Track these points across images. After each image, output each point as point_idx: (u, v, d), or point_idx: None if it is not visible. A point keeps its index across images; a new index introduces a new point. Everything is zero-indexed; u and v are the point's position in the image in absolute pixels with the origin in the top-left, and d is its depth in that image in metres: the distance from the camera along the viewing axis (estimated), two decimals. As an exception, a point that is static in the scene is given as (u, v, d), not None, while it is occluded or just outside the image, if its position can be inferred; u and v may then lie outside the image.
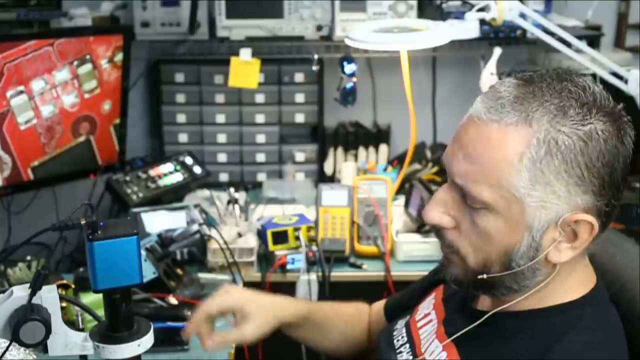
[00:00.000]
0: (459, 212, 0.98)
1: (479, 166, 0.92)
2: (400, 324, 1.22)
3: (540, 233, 0.93)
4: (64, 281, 1.61)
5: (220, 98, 2.50)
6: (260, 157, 2.55)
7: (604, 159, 0.90)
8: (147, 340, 0.96)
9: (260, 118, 2.51)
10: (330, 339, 1.41)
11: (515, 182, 0.90)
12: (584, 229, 0.92)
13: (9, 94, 1.89)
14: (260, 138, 2.53)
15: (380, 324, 1.40)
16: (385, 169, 2.40)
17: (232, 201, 2.11)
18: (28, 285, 0.93)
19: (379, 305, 1.44)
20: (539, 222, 0.92)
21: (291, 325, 1.35)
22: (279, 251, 1.89)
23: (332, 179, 2.52)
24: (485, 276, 0.97)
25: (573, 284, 1.00)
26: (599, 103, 0.91)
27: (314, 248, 1.91)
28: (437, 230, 1.01)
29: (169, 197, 2.25)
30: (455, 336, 1.04)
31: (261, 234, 1.93)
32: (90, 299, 1.44)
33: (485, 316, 1.01)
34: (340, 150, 2.53)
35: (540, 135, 0.89)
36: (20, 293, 0.93)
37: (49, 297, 0.94)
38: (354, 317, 1.43)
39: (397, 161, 2.47)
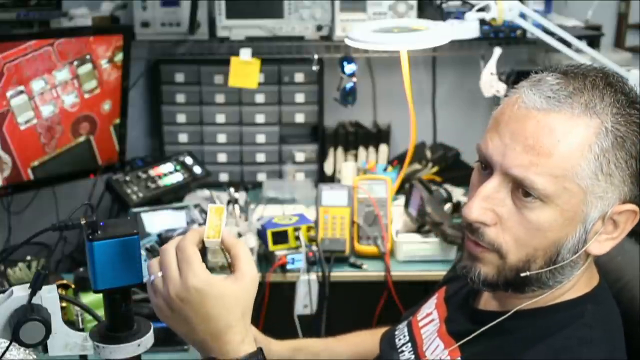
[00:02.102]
0: (504, 207, 0.95)
1: (544, 157, 0.90)
2: (402, 324, 1.22)
3: (592, 224, 0.93)
4: (64, 281, 1.61)
5: (220, 98, 2.50)
6: (260, 157, 2.55)
7: None
8: (147, 340, 0.96)
9: (260, 118, 2.51)
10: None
11: (582, 172, 0.90)
12: (625, 218, 0.94)
13: (9, 94, 1.89)
14: (260, 138, 2.53)
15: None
16: (385, 169, 2.40)
17: (232, 201, 2.11)
18: (28, 285, 0.93)
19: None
20: (594, 213, 0.92)
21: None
22: (279, 251, 1.89)
23: (332, 179, 2.52)
24: (528, 273, 0.95)
25: (580, 283, 1.00)
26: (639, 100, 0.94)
27: (314, 248, 1.90)
28: (474, 229, 0.97)
29: (169, 197, 2.24)
30: (463, 341, 1.03)
31: (261, 234, 1.92)
32: (90, 299, 1.44)
33: (501, 318, 1.00)
34: (340, 150, 2.53)
35: (607, 126, 0.90)
36: (20, 293, 0.93)
37: (49, 297, 0.94)
38: (365, 340, 1.37)
39: (397, 161, 2.46)
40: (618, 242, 0.96)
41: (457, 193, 2.27)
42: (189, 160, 2.37)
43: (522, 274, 0.96)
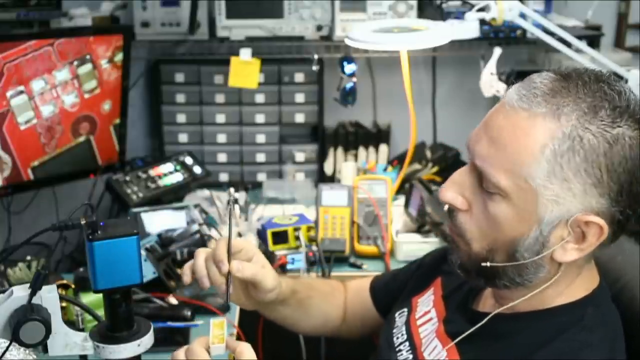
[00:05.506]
0: (473, 195, 0.98)
1: (500, 151, 0.92)
2: (400, 322, 1.22)
3: (549, 228, 0.93)
4: (64, 281, 1.61)
5: (220, 98, 2.50)
6: (260, 157, 2.55)
7: (626, 164, 0.89)
8: (147, 340, 0.96)
9: (260, 118, 2.51)
10: (310, 317, 1.39)
11: (533, 172, 0.90)
12: (593, 231, 0.92)
13: (9, 94, 1.89)
14: (260, 138, 2.53)
15: (361, 302, 1.40)
16: (385, 169, 2.40)
17: (232, 201, 2.10)
18: (28, 285, 0.93)
19: (359, 283, 1.44)
20: (550, 217, 0.92)
21: (284, 302, 1.32)
22: (279, 251, 1.89)
23: (332, 179, 2.52)
24: (488, 264, 0.97)
25: (577, 286, 1.00)
26: (632, 110, 0.91)
27: (314, 248, 1.90)
28: (450, 211, 1.01)
29: (169, 197, 2.24)
30: (457, 340, 1.04)
31: (261, 234, 1.92)
32: (90, 299, 1.44)
33: (488, 317, 1.01)
34: (340, 150, 2.53)
35: (566, 130, 0.89)
36: (20, 293, 0.93)
37: (49, 297, 0.94)
38: (329, 294, 1.43)
39: (397, 161, 2.46)
40: (585, 254, 0.95)
41: (457, 193, 2.27)
42: (189, 160, 2.37)
43: (483, 264, 0.98)
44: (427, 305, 1.19)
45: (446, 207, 1.03)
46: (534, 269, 0.96)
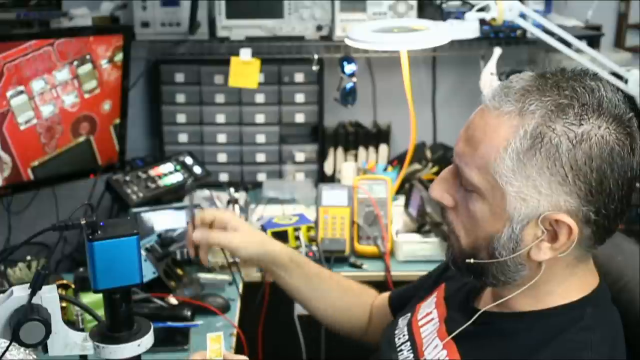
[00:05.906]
0: (457, 193, 1.00)
1: (473, 150, 0.94)
2: (402, 323, 1.22)
3: (519, 226, 0.93)
4: (64, 281, 1.62)
5: (220, 98, 2.50)
6: (260, 157, 2.55)
7: (591, 163, 0.88)
8: (147, 340, 0.96)
9: (260, 118, 2.51)
10: (328, 302, 1.45)
11: (499, 169, 0.92)
12: (564, 230, 0.92)
13: (9, 94, 1.89)
14: (260, 138, 2.53)
15: (382, 311, 1.43)
16: (385, 169, 2.40)
17: (232, 201, 2.11)
18: (28, 285, 0.93)
19: (384, 295, 1.48)
20: (519, 215, 0.93)
21: (282, 267, 1.41)
22: (279, 251, 1.89)
23: (332, 179, 2.52)
24: (472, 261, 0.99)
25: (573, 286, 1.00)
26: (604, 108, 0.90)
27: (314, 248, 1.90)
28: (442, 208, 1.04)
29: (169, 197, 2.24)
30: (453, 334, 1.04)
31: (261, 234, 1.92)
32: (90, 299, 1.44)
33: (480, 312, 1.02)
34: (340, 150, 2.53)
35: (528, 128, 0.90)
36: (20, 293, 0.93)
37: (49, 297, 0.94)
38: (355, 291, 1.48)
39: (397, 161, 2.47)
40: (561, 255, 0.94)
41: (457, 193, 2.27)
42: (189, 160, 2.37)
43: (467, 260, 0.99)
44: (429, 307, 1.19)
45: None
46: (514, 267, 0.97)
